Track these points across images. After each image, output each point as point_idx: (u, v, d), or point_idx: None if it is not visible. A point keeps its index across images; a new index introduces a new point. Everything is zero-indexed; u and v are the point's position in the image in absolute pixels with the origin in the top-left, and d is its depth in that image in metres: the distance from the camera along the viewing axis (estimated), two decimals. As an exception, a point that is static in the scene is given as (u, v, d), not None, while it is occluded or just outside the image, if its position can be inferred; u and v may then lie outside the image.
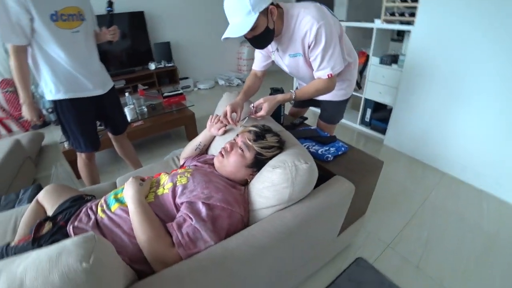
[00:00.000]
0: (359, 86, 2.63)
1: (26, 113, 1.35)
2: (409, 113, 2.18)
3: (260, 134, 0.98)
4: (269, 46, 1.26)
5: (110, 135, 1.77)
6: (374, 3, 2.86)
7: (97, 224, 0.87)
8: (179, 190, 0.88)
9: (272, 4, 1.04)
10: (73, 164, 2.18)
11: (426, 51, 1.94)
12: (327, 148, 1.20)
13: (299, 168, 0.84)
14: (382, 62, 2.30)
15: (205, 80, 4.53)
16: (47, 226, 0.93)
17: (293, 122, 1.54)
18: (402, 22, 2.08)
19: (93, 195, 1.16)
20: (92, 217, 0.89)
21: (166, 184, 0.93)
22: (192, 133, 2.65)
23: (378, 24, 2.22)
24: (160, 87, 3.99)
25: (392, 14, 2.11)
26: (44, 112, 3.18)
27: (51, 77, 1.31)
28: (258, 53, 1.36)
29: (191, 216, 0.78)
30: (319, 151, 1.18)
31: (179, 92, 2.79)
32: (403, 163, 2.22)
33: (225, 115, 1.15)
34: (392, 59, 2.24)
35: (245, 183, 0.99)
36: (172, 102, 2.73)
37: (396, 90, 2.24)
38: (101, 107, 1.52)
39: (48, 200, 1.12)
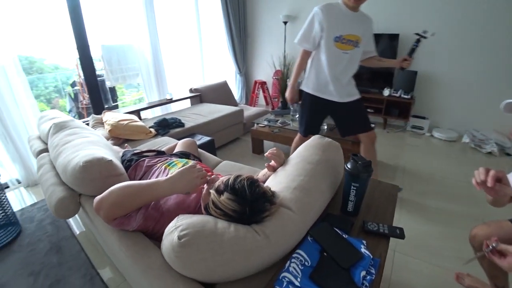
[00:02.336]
0: None
1: (287, 92, 1.87)
2: None
3: (224, 187, 0.81)
4: None
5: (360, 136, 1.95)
6: None
7: (151, 167, 1.28)
8: None
9: None
10: (253, 140, 2.89)
11: None
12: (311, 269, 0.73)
13: (171, 235, 0.71)
14: None
15: (447, 130, 3.44)
16: (151, 153, 1.50)
17: (367, 226, 0.92)
18: None
19: (199, 158, 1.67)
20: (158, 164, 1.30)
21: None
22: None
23: None
24: (386, 117, 3.64)
25: None
26: (289, 102, 4.20)
27: (313, 77, 1.81)
28: None
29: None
30: (295, 263, 0.75)
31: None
32: None
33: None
34: None
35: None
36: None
37: None
38: (335, 111, 1.88)
39: (179, 145, 1.76)
